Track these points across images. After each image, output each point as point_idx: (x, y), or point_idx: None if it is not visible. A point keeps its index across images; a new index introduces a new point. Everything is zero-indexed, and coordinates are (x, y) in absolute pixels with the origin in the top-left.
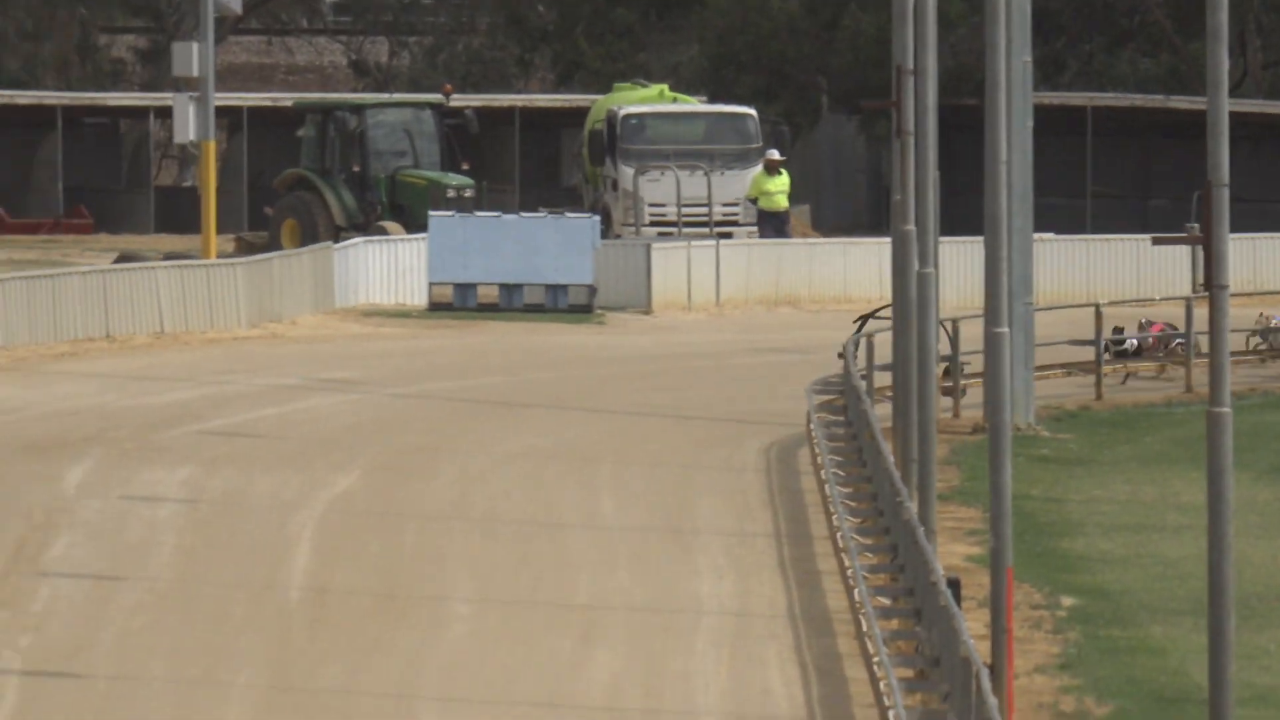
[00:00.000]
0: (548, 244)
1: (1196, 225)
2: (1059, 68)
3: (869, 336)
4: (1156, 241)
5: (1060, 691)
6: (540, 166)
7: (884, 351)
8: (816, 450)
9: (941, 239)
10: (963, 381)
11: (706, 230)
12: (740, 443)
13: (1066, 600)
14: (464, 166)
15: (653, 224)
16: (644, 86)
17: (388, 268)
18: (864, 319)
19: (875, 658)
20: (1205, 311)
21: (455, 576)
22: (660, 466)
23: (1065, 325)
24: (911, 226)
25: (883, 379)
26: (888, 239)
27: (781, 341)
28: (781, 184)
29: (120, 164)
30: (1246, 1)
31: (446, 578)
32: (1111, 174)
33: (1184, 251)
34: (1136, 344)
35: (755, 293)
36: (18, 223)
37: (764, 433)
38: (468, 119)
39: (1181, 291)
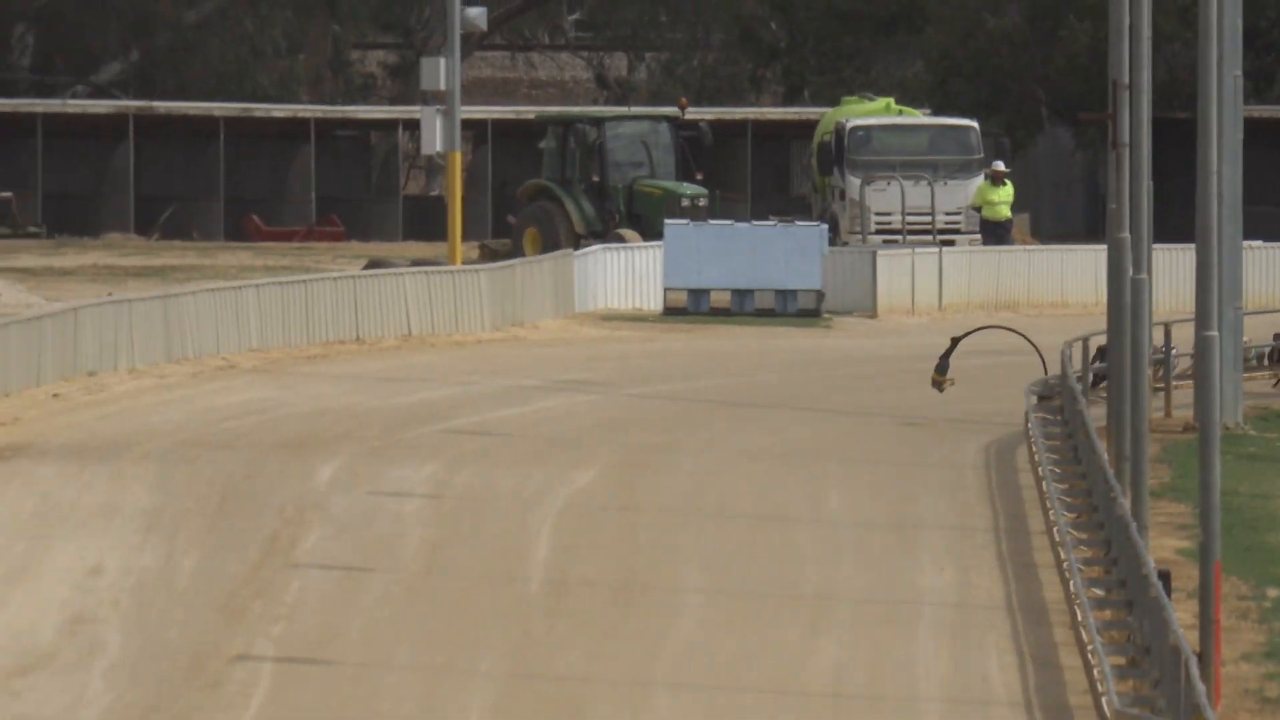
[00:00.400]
0: (778, 251)
1: None
2: (1269, 82)
3: (1084, 340)
4: None
5: (1265, 678)
6: (770, 177)
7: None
8: (1034, 449)
9: (1155, 246)
10: (1174, 382)
11: (929, 238)
12: (961, 441)
13: (1272, 592)
14: (698, 177)
15: (878, 231)
16: (870, 100)
17: (625, 274)
18: (957, 340)
19: (1089, 646)
20: None
21: (687, 568)
22: (884, 464)
23: (1266, 329)
24: (1126, 234)
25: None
26: (1103, 246)
27: (999, 344)
28: (1005, 194)
29: (370, 174)
30: None
31: (679, 569)
32: None
33: None
34: None
35: (976, 297)
36: (273, 231)
37: (983, 432)
38: (702, 131)
39: None
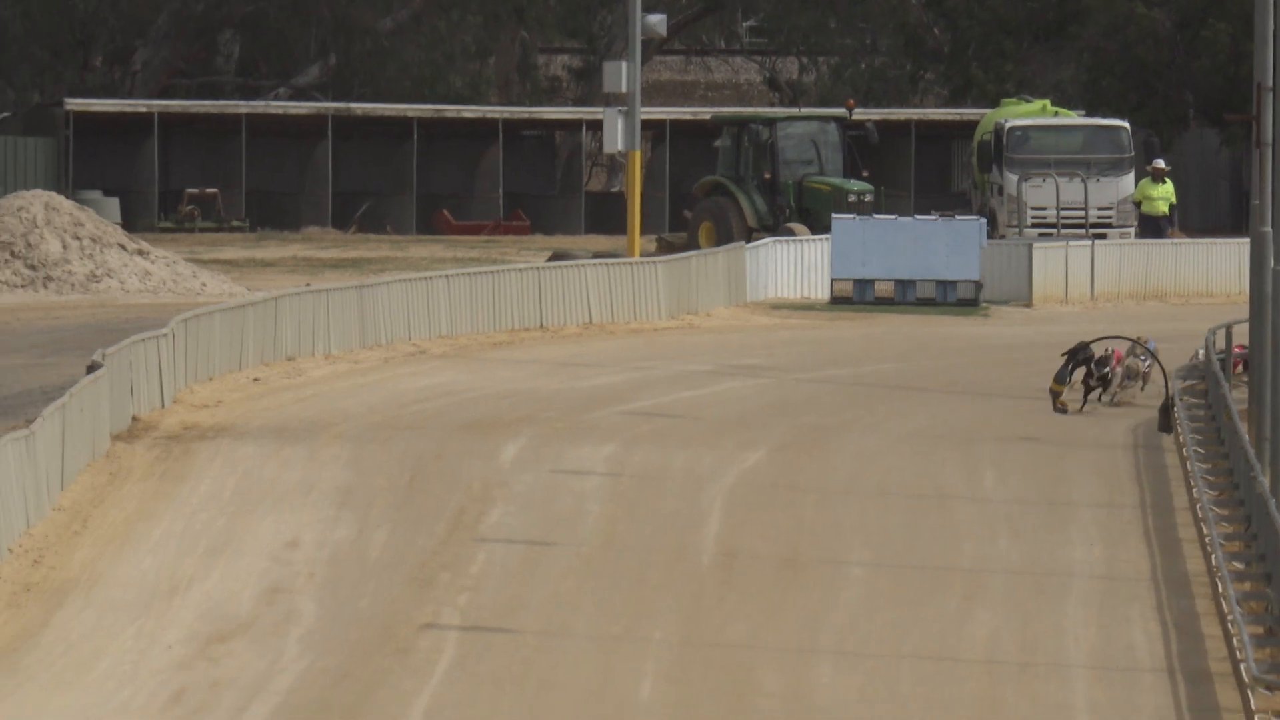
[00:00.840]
0: (939, 244)
1: None
2: None
3: (1228, 327)
4: None
5: None
6: (933, 174)
7: (1242, 339)
8: (1179, 429)
9: None
10: None
11: (1083, 231)
12: (1109, 423)
13: None
14: (864, 174)
15: (1034, 225)
16: (1028, 102)
17: (794, 265)
18: (1074, 351)
19: (1229, 616)
20: None
21: (850, 543)
22: (1037, 444)
23: None
24: (1268, 228)
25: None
26: (1247, 240)
27: (1149, 331)
28: (1165, 191)
29: (554, 171)
30: None
31: (842, 544)
32: None
33: None
34: None
35: (1126, 288)
36: (462, 225)
37: (1131, 414)
38: (868, 131)
39: None
